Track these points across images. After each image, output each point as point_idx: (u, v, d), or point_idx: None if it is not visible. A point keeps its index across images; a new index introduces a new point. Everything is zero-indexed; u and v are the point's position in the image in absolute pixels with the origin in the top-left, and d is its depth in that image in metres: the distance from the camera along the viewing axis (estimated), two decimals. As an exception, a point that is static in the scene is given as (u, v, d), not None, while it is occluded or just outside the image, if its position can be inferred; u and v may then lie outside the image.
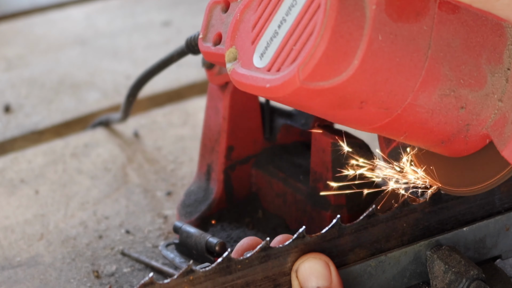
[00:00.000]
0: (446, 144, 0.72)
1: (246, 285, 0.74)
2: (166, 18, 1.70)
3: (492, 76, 0.69)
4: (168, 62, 1.02)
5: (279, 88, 0.66)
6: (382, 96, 0.66)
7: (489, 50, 0.69)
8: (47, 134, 1.29)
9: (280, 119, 1.00)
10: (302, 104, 0.67)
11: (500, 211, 0.85)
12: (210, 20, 0.81)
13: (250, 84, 0.69)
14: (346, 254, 0.78)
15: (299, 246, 0.76)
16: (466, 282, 0.78)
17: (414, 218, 0.81)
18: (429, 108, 0.68)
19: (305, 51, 0.64)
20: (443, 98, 0.68)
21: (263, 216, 0.98)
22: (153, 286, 0.70)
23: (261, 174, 0.97)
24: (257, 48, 0.70)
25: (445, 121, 0.70)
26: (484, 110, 0.70)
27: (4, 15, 1.74)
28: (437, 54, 0.67)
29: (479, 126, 0.71)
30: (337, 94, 0.65)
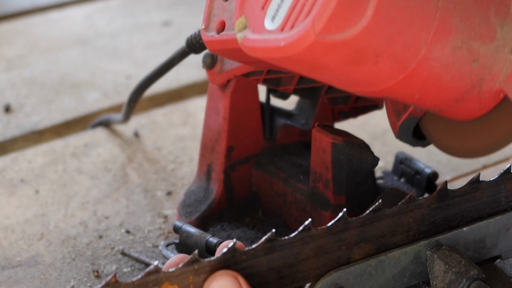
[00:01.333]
0: (460, 103, 0.72)
1: (250, 276, 0.74)
2: (166, 18, 1.70)
3: (501, 29, 0.70)
4: (169, 66, 1.02)
5: (295, 44, 0.65)
6: (396, 49, 0.66)
7: (497, 3, 0.70)
8: (47, 134, 1.29)
9: (280, 119, 1.00)
10: (318, 62, 0.67)
11: (506, 208, 0.85)
12: (211, 11, 0.81)
13: (263, 47, 0.69)
14: (352, 248, 0.78)
15: (304, 239, 0.76)
16: (466, 282, 0.78)
17: (420, 213, 0.81)
18: (442, 62, 0.68)
19: (319, 4, 0.64)
20: (456, 51, 0.68)
21: (263, 216, 0.98)
22: (158, 274, 0.70)
23: (261, 174, 0.97)
24: (268, 12, 0.69)
25: (459, 76, 0.70)
26: (496, 64, 0.70)
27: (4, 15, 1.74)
28: (447, 5, 0.67)
29: (492, 81, 0.71)
30: (352, 47, 0.65)
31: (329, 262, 0.77)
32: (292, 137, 1.00)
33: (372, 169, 0.89)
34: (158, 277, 0.70)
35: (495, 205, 0.85)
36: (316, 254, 0.77)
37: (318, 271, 0.77)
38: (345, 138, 0.87)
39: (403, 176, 1.01)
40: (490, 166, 1.12)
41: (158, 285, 0.70)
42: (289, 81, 0.92)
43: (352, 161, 0.87)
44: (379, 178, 1.02)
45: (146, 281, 0.70)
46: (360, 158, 0.88)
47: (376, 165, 0.89)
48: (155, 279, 0.70)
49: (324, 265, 0.77)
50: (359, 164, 0.88)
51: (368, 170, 0.89)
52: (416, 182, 0.99)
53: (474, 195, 0.84)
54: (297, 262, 0.76)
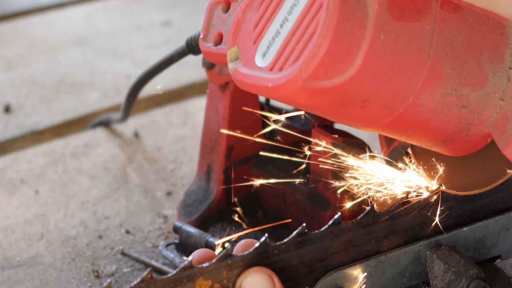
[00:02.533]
0: (447, 143, 0.72)
1: (282, 270, 0.75)
2: (166, 18, 1.70)
3: (493, 75, 0.70)
4: (168, 63, 1.02)
5: (282, 88, 0.66)
6: (384, 95, 0.66)
7: (491, 49, 0.69)
8: (47, 134, 1.29)
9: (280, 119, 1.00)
10: (305, 103, 0.67)
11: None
12: (210, 20, 0.81)
13: (252, 83, 0.69)
14: (381, 241, 0.79)
15: (334, 232, 0.77)
16: (465, 282, 0.78)
17: (447, 206, 0.82)
18: (431, 107, 0.68)
19: (308, 50, 0.64)
20: (445, 97, 0.68)
21: (263, 216, 0.98)
22: (192, 269, 0.71)
23: (261, 174, 0.97)
24: (259, 47, 0.70)
25: (447, 120, 0.70)
26: (485, 109, 0.70)
27: (4, 15, 1.74)
28: (439, 53, 0.67)
29: (480, 125, 0.71)
30: (339, 93, 0.65)
31: (359, 256, 0.79)
32: (292, 137, 1.00)
33: (372, 169, 0.89)
34: (192, 273, 0.71)
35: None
36: (346, 247, 0.78)
37: (348, 264, 0.78)
38: (345, 138, 0.87)
39: (403, 176, 1.01)
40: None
41: (192, 280, 0.72)
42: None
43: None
44: (379, 178, 1.02)
45: (180, 276, 0.71)
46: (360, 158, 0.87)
47: (376, 165, 0.89)
48: (190, 275, 0.71)
49: (354, 258, 0.78)
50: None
51: (368, 170, 0.89)
52: (416, 182, 0.99)
53: (500, 187, 0.84)
54: (327, 256, 0.77)
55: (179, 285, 0.71)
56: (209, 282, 0.72)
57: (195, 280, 0.72)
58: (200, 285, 0.72)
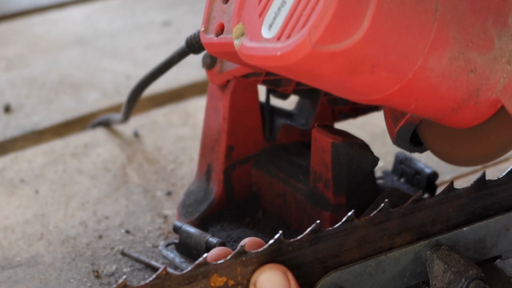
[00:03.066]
0: (456, 112, 0.72)
1: (296, 266, 0.75)
2: (166, 18, 1.70)
3: (499, 39, 0.69)
4: (168, 65, 1.02)
5: (290, 54, 0.65)
6: (393, 59, 0.66)
7: (495, 13, 0.69)
8: (47, 134, 1.29)
9: (280, 119, 1.00)
10: (314, 71, 0.67)
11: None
12: (211, 13, 0.81)
13: (260, 55, 0.69)
14: (393, 238, 0.80)
15: (348, 229, 0.77)
16: (465, 282, 0.78)
17: (459, 203, 0.83)
18: (439, 72, 0.68)
19: (315, 14, 0.64)
20: (453, 61, 0.68)
21: (263, 216, 0.98)
22: (207, 266, 0.71)
23: (261, 174, 0.97)
24: (265, 20, 0.69)
25: (456, 86, 0.69)
26: (493, 74, 0.70)
27: (4, 15, 1.74)
28: (445, 16, 0.67)
29: (489, 91, 0.71)
30: (348, 57, 0.65)
31: (372, 252, 0.79)
32: (292, 137, 1.00)
33: (372, 169, 0.89)
34: (207, 269, 0.72)
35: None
36: (359, 244, 0.78)
37: (361, 261, 0.78)
38: (345, 138, 0.87)
39: (403, 176, 1.01)
40: (490, 167, 1.12)
41: (207, 277, 0.72)
42: (288, 82, 0.92)
43: (352, 161, 0.87)
44: (379, 178, 1.02)
45: (195, 273, 0.71)
46: (360, 158, 0.88)
47: (376, 165, 0.89)
48: (204, 271, 0.71)
49: (366, 255, 0.79)
50: (359, 164, 0.88)
51: (368, 170, 0.89)
52: (416, 182, 0.99)
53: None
54: (341, 253, 0.77)
55: (194, 281, 0.71)
56: (224, 279, 0.72)
57: (209, 277, 0.72)
58: (215, 282, 0.72)
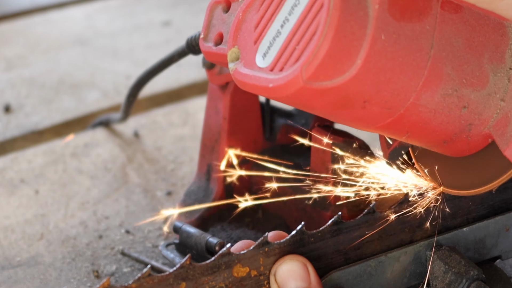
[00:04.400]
0: (448, 144, 0.72)
1: (318, 257, 0.76)
2: (166, 18, 1.70)
3: (494, 75, 0.69)
4: (168, 62, 1.02)
5: (282, 88, 0.66)
6: (385, 96, 0.66)
7: (491, 49, 0.69)
8: (47, 134, 1.29)
9: (280, 119, 1.00)
10: (305, 104, 0.67)
11: None
12: (211, 20, 0.81)
13: (252, 84, 0.69)
14: (414, 231, 0.80)
15: (369, 221, 0.78)
16: (466, 283, 0.78)
17: (479, 197, 0.83)
18: (431, 107, 0.68)
19: (308, 51, 0.64)
20: (446, 98, 0.68)
21: (263, 216, 0.97)
22: (230, 256, 0.73)
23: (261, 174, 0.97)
24: (260, 48, 0.70)
25: (448, 121, 0.70)
26: (486, 110, 0.70)
27: (4, 15, 1.74)
28: (440, 54, 0.67)
29: (481, 126, 0.71)
30: (340, 93, 0.65)
31: (393, 244, 0.80)
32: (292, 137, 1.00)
33: (372, 169, 0.89)
34: (230, 259, 0.73)
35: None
36: (380, 236, 0.79)
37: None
38: (345, 138, 0.87)
39: (403, 176, 1.01)
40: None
41: (230, 267, 0.73)
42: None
43: (352, 161, 0.87)
44: (379, 178, 1.02)
45: (219, 263, 0.72)
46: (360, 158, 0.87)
47: (376, 165, 0.89)
48: (227, 261, 0.73)
49: (387, 247, 0.79)
50: (359, 164, 0.88)
51: (368, 170, 0.89)
52: (416, 182, 0.99)
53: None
54: (362, 244, 0.78)
55: (217, 271, 0.72)
56: (246, 269, 0.73)
57: (232, 267, 0.73)
58: (238, 272, 0.73)
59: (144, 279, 0.69)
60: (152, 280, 0.69)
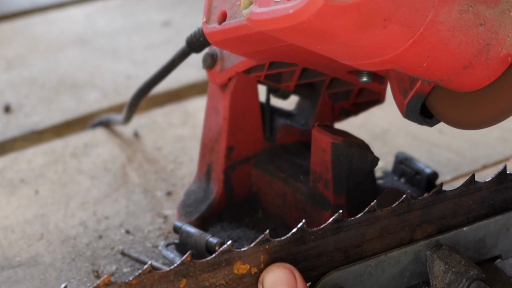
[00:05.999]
0: (468, 70, 0.72)
1: (318, 255, 0.76)
2: (166, 18, 1.70)
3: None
4: (170, 68, 1.02)
5: (303, 10, 0.65)
6: (404, 12, 0.66)
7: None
8: (47, 134, 1.29)
9: (280, 119, 1.00)
10: (326, 29, 0.67)
11: None
12: (211, 4, 0.81)
13: (271, 18, 0.69)
14: (415, 229, 0.81)
15: (369, 220, 0.78)
16: (466, 282, 0.78)
17: (480, 196, 0.84)
18: (450, 25, 0.68)
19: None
20: (463, 14, 0.68)
21: (263, 216, 0.98)
22: (231, 253, 0.73)
23: (261, 174, 0.97)
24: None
25: (466, 41, 0.70)
26: (502, 28, 0.71)
27: (4, 15, 1.75)
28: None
29: (499, 46, 0.71)
30: (360, 10, 0.65)
31: (393, 243, 0.80)
32: (292, 137, 1.00)
33: (372, 169, 0.89)
34: (230, 256, 0.73)
35: None
36: (381, 234, 0.79)
37: (382, 251, 0.79)
38: (345, 138, 0.87)
39: (403, 176, 1.01)
40: (490, 166, 1.12)
41: (230, 264, 0.73)
42: (290, 77, 0.92)
43: (352, 161, 0.87)
44: (379, 178, 1.02)
45: (219, 260, 0.72)
46: (360, 158, 0.88)
47: (376, 165, 0.89)
48: (228, 258, 0.73)
49: (387, 245, 0.80)
50: (359, 164, 0.88)
51: (368, 170, 0.89)
52: (416, 182, 0.99)
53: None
54: (362, 243, 0.78)
55: (218, 268, 0.72)
56: (247, 266, 0.74)
57: (233, 264, 0.73)
58: (238, 269, 0.73)
59: (144, 276, 0.69)
60: (152, 277, 0.69)
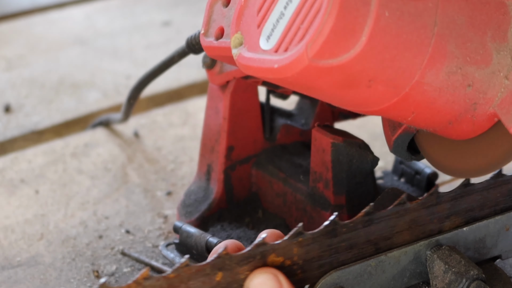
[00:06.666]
0: (453, 125, 0.72)
1: (349, 247, 0.77)
2: (166, 18, 1.70)
3: (497, 54, 0.70)
4: (169, 64, 1.02)
5: (288, 68, 0.66)
6: (390, 74, 0.66)
7: (494, 28, 0.69)
8: (47, 134, 1.29)
9: (280, 119, 1.00)
10: (311, 84, 0.67)
11: None
12: (211, 16, 0.81)
13: (257, 66, 0.69)
14: (443, 221, 0.81)
15: (399, 212, 0.79)
16: (466, 282, 0.78)
17: (507, 188, 0.84)
18: (436, 86, 0.68)
19: (313, 29, 0.64)
20: (450, 76, 0.68)
21: (263, 216, 0.98)
22: (265, 246, 0.73)
23: (261, 174, 0.97)
24: (263, 31, 0.69)
25: (453, 100, 0.70)
26: (490, 88, 0.70)
27: (4, 15, 1.75)
28: (443, 31, 0.67)
29: (486, 105, 0.71)
30: (345, 72, 0.65)
31: (422, 235, 0.81)
32: (292, 137, 1.00)
33: (372, 169, 0.89)
34: (265, 249, 0.73)
35: None
36: (410, 227, 0.80)
37: (412, 243, 0.80)
38: (345, 138, 0.87)
39: (403, 176, 1.01)
40: None
41: (265, 257, 0.73)
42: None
43: (352, 161, 0.87)
44: (379, 178, 1.02)
45: (254, 253, 0.73)
46: (360, 158, 0.87)
47: (376, 165, 0.89)
48: (263, 251, 0.73)
49: (417, 237, 0.80)
50: (359, 164, 0.88)
51: (368, 170, 0.89)
52: (416, 182, 0.99)
53: None
54: (392, 235, 0.79)
55: (253, 261, 0.73)
56: (281, 259, 0.74)
57: (267, 257, 0.73)
58: (272, 262, 0.74)
59: (182, 269, 0.70)
60: (190, 270, 0.70)
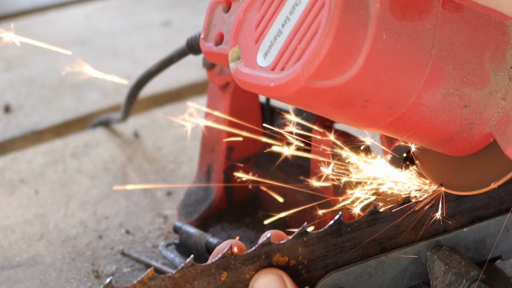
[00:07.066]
0: (449, 143, 0.72)
1: (354, 246, 0.78)
2: (166, 18, 1.70)
3: (495, 74, 0.69)
4: (168, 63, 1.02)
5: (284, 87, 0.66)
6: (386, 95, 0.66)
7: (492, 48, 0.69)
8: (47, 134, 1.29)
9: (280, 119, 0.99)
10: (307, 103, 0.67)
11: None
12: (211, 20, 0.81)
13: (254, 83, 0.69)
14: (448, 221, 0.82)
15: (404, 211, 0.79)
16: (466, 283, 0.78)
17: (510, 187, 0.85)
18: (433, 107, 0.68)
19: (310, 50, 0.64)
20: (447, 97, 0.68)
21: (263, 216, 0.97)
22: (270, 246, 0.74)
23: (261, 174, 0.97)
24: (261, 47, 0.70)
25: (449, 120, 0.70)
26: (487, 109, 0.70)
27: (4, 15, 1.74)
28: (441, 53, 0.67)
29: (482, 125, 0.71)
30: (341, 93, 0.65)
31: (426, 234, 0.81)
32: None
33: (372, 169, 0.89)
34: (270, 249, 0.74)
35: None
36: (415, 226, 0.80)
37: (417, 242, 0.80)
38: (345, 138, 0.87)
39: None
40: None
41: (270, 256, 0.74)
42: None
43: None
44: (379, 178, 1.02)
45: (259, 252, 0.73)
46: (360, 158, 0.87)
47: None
48: (268, 251, 0.74)
49: (421, 237, 0.80)
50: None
51: (368, 170, 0.89)
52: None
53: None
54: (397, 234, 0.79)
55: (258, 261, 0.73)
56: (285, 259, 0.75)
57: (272, 257, 0.74)
58: (277, 262, 0.74)
59: (187, 269, 0.70)
60: (195, 270, 0.70)
